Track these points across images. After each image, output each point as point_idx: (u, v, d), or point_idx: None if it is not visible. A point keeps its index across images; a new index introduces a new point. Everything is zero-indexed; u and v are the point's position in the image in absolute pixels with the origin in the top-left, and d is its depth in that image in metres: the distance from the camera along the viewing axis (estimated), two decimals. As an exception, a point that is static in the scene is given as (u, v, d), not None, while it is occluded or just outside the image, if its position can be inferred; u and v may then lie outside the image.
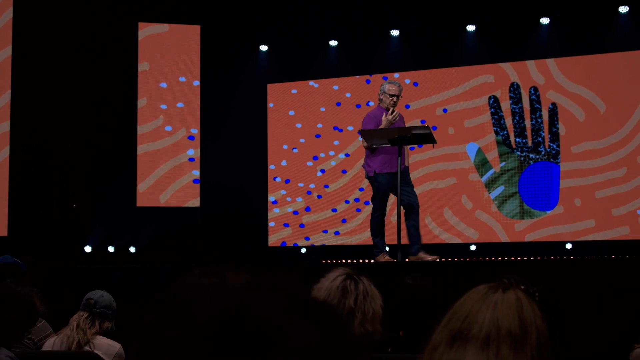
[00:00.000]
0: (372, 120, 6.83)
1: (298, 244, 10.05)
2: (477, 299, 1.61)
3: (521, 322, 1.57)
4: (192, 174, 9.75)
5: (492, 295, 1.61)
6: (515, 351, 1.54)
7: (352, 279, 2.25)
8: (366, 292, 2.21)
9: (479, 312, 1.58)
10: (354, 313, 2.18)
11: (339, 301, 2.19)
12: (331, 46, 10.14)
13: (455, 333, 1.57)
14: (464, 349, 1.55)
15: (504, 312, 1.57)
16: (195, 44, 9.80)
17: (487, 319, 1.56)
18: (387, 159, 6.68)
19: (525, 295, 1.63)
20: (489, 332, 1.55)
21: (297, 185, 10.12)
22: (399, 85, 7.02)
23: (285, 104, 10.26)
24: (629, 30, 9.01)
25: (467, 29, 9.61)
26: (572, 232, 9.07)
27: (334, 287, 2.23)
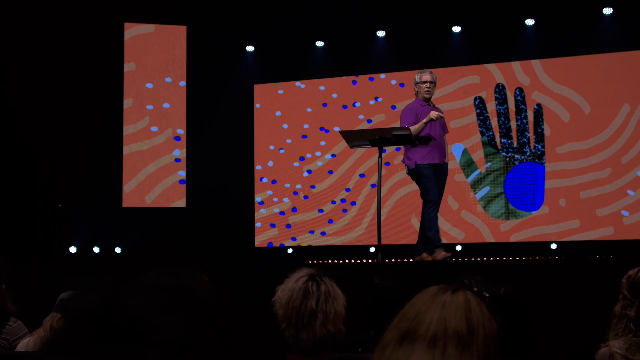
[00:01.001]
0: (411, 112, 6.74)
1: (285, 245, 10.06)
2: (427, 300, 1.63)
3: (468, 322, 1.59)
4: (178, 175, 9.75)
5: (442, 296, 1.63)
6: (462, 351, 1.56)
7: (314, 280, 2.27)
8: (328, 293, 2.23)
9: (428, 312, 1.60)
10: (316, 314, 2.20)
11: (301, 302, 2.22)
12: (317, 47, 10.15)
13: (404, 333, 1.59)
14: (412, 348, 1.57)
15: (451, 312, 1.59)
16: (181, 45, 9.81)
17: (435, 319, 1.59)
18: (429, 151, 6.66)
19: (474, 296, 1.65)
20: (436, 332, 1.57)
21: (284, 185, 10.13)
22: (430, 73, 6.96)
23: (271, 104, 10.27)
24: (613, 31, 9.05)
25: (453, 30, 9.64)
26: (557, 232, 9.11)
27: (296, 289, 2.26)
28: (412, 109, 6.79)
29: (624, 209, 8.87)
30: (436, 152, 6.71)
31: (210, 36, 10.00)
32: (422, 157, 6.66)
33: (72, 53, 9.39)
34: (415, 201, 9.59)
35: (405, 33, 9.72)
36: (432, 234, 6.74)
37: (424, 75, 6.91)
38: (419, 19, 9.60)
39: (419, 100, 6.88)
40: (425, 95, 6.84)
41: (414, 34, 9.67)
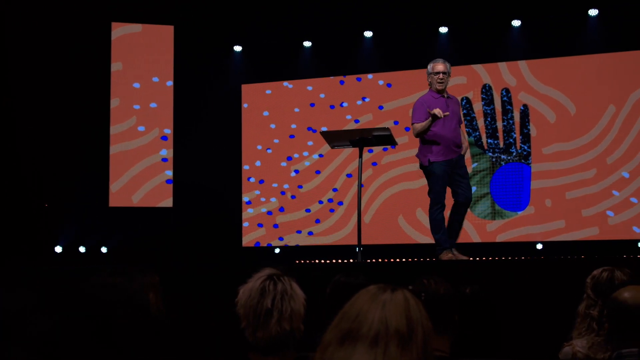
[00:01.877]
0: (422, 107, 6.44)
1: (272, 244, 10.08)
2: (367, 299, 1.65)
3: (408, 321, 1.62)
4: (165, 174, 9.76)
5: (381, 295, 1.66)
6: (403, 349, 1.58)
7: (272, 279, 2.31)
8: (285, 292, 2.27)
9: (369, 311, 1.62)
10: (272, 312, 2.24)
11: (258, 301, 2.26)
12: (305, 47, 10.17)
13: (345, 332, 1.62)
14: (353, 347, 1.59)
15: (392, 311, 1.62)
16: (168, 45, 9.81)
17: (376, 319, 1.61)
18: (443, 147, 6.40)
19: (412, 295, 1.68)
20: (378, 331, 1.59)
21: (271, 185, 10.15)
22: (443, 62, 6.58)
23: (259, 104, 10.28)
24: (599, 33, 9.08)
25: (440, 30, 9.67)
26: (542, 232, 9.14)
27: (254, 288, 2.30)
28: (423, 103, 6.50)
29: (609, 210, 8.91)
30: (450, 147, 6.43)
31: (197, 36, 10.01)
32: (436, 154, 6.43)
33: (59, 52, 9.39)
34: (403, 201, 9.66)
35: (393, 33, 9.75)
36: (438, 237, 6.55)
37: (437, 65, 6.56)
38: (406, 20, 9.62)
39: (432, 92, 6.57)
40: (438, 86, 6.50)
41: (401, 34, 9.70)
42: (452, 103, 6.60)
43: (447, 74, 6.54)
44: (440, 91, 6.53)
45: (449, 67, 6.59)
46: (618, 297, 2.40)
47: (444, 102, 6.51)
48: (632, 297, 2.36)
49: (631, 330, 2.34)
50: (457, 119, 6.59)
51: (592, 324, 3.03)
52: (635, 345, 2.32)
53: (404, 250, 9.34)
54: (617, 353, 2.34)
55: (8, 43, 9.08)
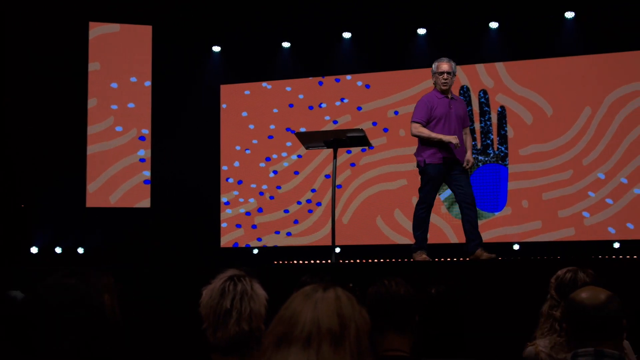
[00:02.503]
0: (425, 106, 6.33)
1: (250, 245, 10.07)
2: (300, 301, 1.65)
3: (340, 318, 1.62)
4: (142, 175, 9.72)
5: (314, 295, 1.66)
6: (336, 347, 1.58)
7: (232, 280, 2.32)
8: (244, 292, 2.28)
9: (301, 312, 1.62)
10: (230, 313, 2.25)
11: (217, 302, 2.27)
12: (284, 48, 10.17)
13: (281, 335, 1.62)
14: (288, 350, 1.59)
15: (323, 310, 1.62)
16: (146, 44, 9.78)
17: (308, 319, 1.61)
18: (440, 149, 6.29)
19: (344, 292, 1.68)
20: (310, 332, 1.59)
21: (250, 186, 10.14)
22: (448, 61, 6.43)
23: (238, 105, 10.27)
24: (575, 35, 9.15)
25: (418, 32, 9.70)
26: (519, 233, 9.19)
27: (215, 289, 2.31)
28: (426, 102, 6.37)
29: (585, 211, 8.98)
30: (448, 149, 6.28)
31: (176, 36, 9.98)
32: (431, 154, 6.34)
33: (36, 52, 9.33)
34: (381, 202, 9.68)
35: (371, 35, 9.77)
36: (418, 235, 6.47)
37: (442, 64, 6.41)
38: (385, 21, 9.65)
39: (436, 92, 6.43)
40: (442, 87, 6.37)
41: (380, 35, 9.73)
42: (455, 104, 6.47)
43: (452, 74, 6.42)
44: (444, 91, 6.40)
45: (455, 67, 6.48)
46: (575, 298, 2.43)
47: (447, 102, 6.40)
48: (588, 298, 2.39)
49: (587, 331, 2.36)
50: (459, 120, 6.44)
51: (555, 324, 3.06)
52: (592, 345, 2.34)
53: (383, 250, 9.37)
54: (574, 353, 2.37)
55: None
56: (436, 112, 6.33)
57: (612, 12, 8.89)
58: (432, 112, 6.31)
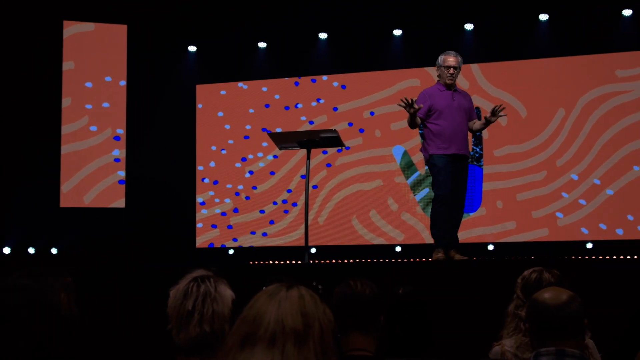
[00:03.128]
0: (423, 98, 6.19)
1: (226, 245, 10.04)
2: (264, 301, 1.66)
3: (304, 317, 1.62)
4: (117, 175, 9.66)
5: (278, 294, 1.66)
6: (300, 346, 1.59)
7: (196, 281, 2.32)
8: (207, 294, 2.28)
9: (265, 312, 1.63)
10: (193, 314, 2.26)
11: (181, 303, 2.28)
12: (260, 48, 10.15)
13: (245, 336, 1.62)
14: (252, 350, 1.59)
15: (287, 309, 1.62)
16: (121, 44, 9.72)
17: (272, 319, 1.61)
18: (445, 141, 6.14)
19: (308, 290, 1.68)
20: (275, 331, 1.60)
21: (225, 186, 10.12)
22: (455, 55, 6.29)
23: (214, 105, 10.24)
24: (549, 37, 9.23)
25: (394, 33, 9.73)
26: (494, 233, 9.25)
27: (179, 290, 2.31)
28: (425, 95, 6.25)
29: (558, 211, 9.05)
30: (454, 142, 6.14)
31: (151, 36, 9.93)
32: (437, 147, 6.16)
33: (9, 50, 9.24)
34: (357, 203, 9.69)
35: (347, 35, 9.79)
36: (435, 232, 6.22)
37: (449, 58, 6.28)
38: (361, 22, 9.66)
39: (439, 85, 6.31)
40: (447, 80, 6.23)
41: (356, 36, 9.75)
42: (460, 97, 6.33)
43: (458, 69, 6.31)
44: (449, 85, 6.28)
45: (461, 62, 6.35)
46: (538, 298, 2.45)
47: (450, 95, 6.27)
48: (550, 298, 2.41)
49: (549, 330, 2.38)
50: (464, 113, 6.27)
51: (520, 324, 3.08)
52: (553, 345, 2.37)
53: (358, 251, 9.39)
54: (536, 352, 2.39)
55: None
56: (437, 105, 6.19)
57: (585, 15, 8.98)
58: (431, 106, 6.18)
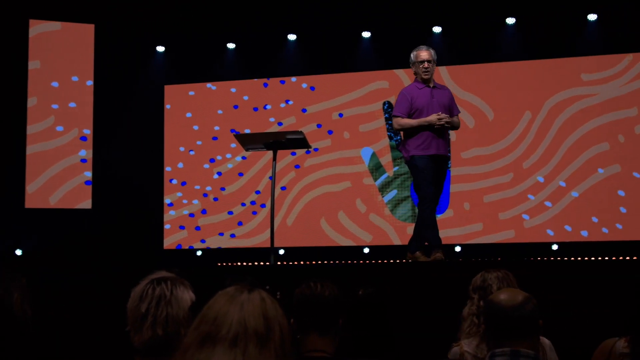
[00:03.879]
0: (404, 99, 6.15)
1: (194, 247, 10.00)
2: (225, 301, 1.68)
3: (266, 320, 1.66)
4: (84, 176, 9.57)
5: (239, 296, 1.69)
6: (261, 348, 1.62)
7: (152, 283, 2.31)
8: (162, 296, 2.27)
9: (227, 313, 1.65)
10: (146, 317, 2.25)
11: (136, 305, 2.27)
12: (229, 49, 10.13)
13: (205, 335, 1.64)
14: (213, 349, 1.62)
15: (249, 312, 1.66)
16: (89, 43, 9.63)
17: (235, 320, 1.65)
18: (425, 141, 6.07)
19: (268, 294, 1.71)
20: (237, 332, 1.63)
21: (194, 187, 10.07)
22: (427, 49, 6.21)
23: (182, 105, 10.19)
24: (516, 40, 9.32)
25: (363, 35, 9.76)
26: (461, 235, 9.31)
27: (136, 292, 2.30)
28: (405, 94, 6.20)
29: (524, 213, 9.14)
30: (434, 142, 6.10)
31: (119, 35, 9.85)
32: (417, 147, 6.11)
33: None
34: (325, 204, 9.70)
35: (316, 37, 9.80)
36: (428, 234, 6.19)
37: (421, 52, 6.20)
38: (330, 24, 9.68)
39: (417, 82, 6.26)
40: (424, 76, 6.18)
41: (325, 38, 9.76)
42: (438, 93, 6.26)
43: (433, 62, 6.21)
44: (425, 81, 6.21)
45: (434, 55, 6.26)
46: (493, 299, 2.48)
47: (429, 92, 6.22)
48: (505, 299, 2.44)
49: (504, 331, 2.41)
50: (443, 109, 6.19)
51: (475, 325, 3.12)
52: (508, 345, 2.39)
53: (326, 252, 9.41)
54: (491, 353, 2.42)
55: None
56: (417, 103, 6.15)
57: (551, 19, 9.09)
58: (411, 104, 6.13)
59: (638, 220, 8.79)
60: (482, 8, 9.26)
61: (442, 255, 6.09)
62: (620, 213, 8.86)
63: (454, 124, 6.34)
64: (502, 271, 3.33)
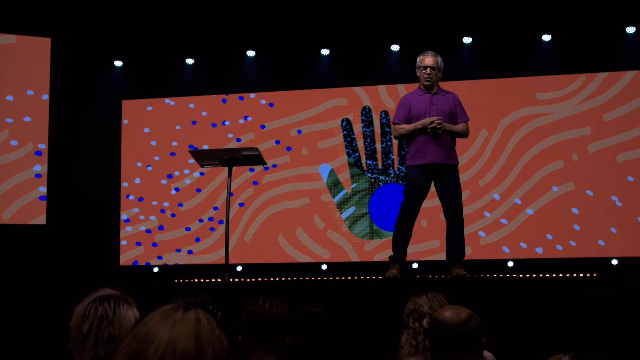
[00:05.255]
0: (403, 105, 5.93)
1: (150, 263, 9.90)
2: (158, 319, 1.64)
3: (197, 341, 1.61)
4: (38, 191, 9.42)
5: (173, 315, 1.65)
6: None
7: (95, 303, 2.27)
8: (104, 317, 2.23)
9: (158, 332, 1.60)
10: (87, 337, 2.20)
11: (79, 325, 2.22)
12: (187, 64, 10.09)
13: (133, 353, 1.59)
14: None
15: (180, 331, 1.61)
16: (45, 57, 9.50)
17: (164, 339, 1.59)
18: (418, 149, 5.84)
19: (205, 314, 1.68)
20: (164, 353, 1.58)
21: (151, 203, 9.98)
22: (434, 55, 5.92)
23: (140, 120, 10.12)
24: (473, 60, 9.45)
25: (322, 52, 9.80)
26: (419, 252, 9.34)
27: (79, 311, 2.26)
28: (404, 101, 5.98)
29: (481, 230, 9.23)
30: (429, 150, 5.82)
31: (76, 49, 9.76)
32: (411, 157, 5.90)
33: None
34: (283, 220, 9.68)
35: (275, 53, 9.82)
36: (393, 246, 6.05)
37: (426, 58, 5.93)
38: (289, 41, 9.71)
39: (419, 89, 6.02)
40: (425, 82, 5.92)
41: (284, 55, 9.79)
42: (439, 99, 6.01)
43: (437, 69, 5.95)
44: (428, 87, 5.98)
45: (441, 62, 6.00)
46: (438, 317, 2.51)
47: (429, 99, 5.98)
48: (450, 317, 2.47)
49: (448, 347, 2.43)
50: (442, 116, 5.92)
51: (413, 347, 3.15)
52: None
53: (284, 269, 9.37)
54: (435, 369, 2.44)
55: None
56: (415, 110, 5.94)
57: (507, 39, 9.23)
58: (410, 111, 5.92)
59: (591, 238, 8.94)
60: (440, 27, 9.37)
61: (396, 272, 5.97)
62: (574, 230, 9.00)
63: (453, 129, 6.01)
64: (431, 293, 3.37)
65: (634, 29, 9.07)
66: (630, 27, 9.07)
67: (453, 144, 6.06)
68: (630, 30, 9.09)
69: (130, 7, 9.68)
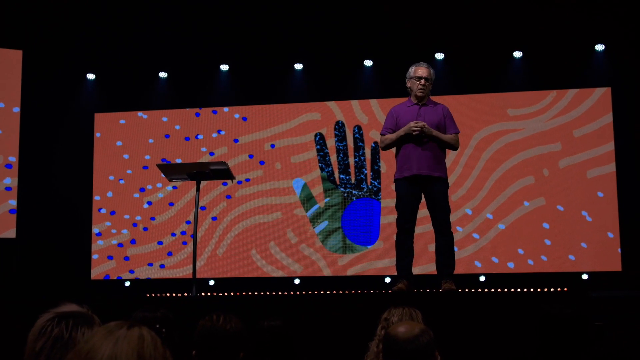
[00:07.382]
0: (391, 115, 5.80)
1: (122, 277, 9.82)
2: (102, 336, 1.62)
3: (140, 358, 1.59)
4: (8, 204, 9.32)
5: (117, 331, 1.63)
6: None
7: (52, 321, 2.12)
8: (59, 338, 2.09)
9: (100, 348, 1.58)
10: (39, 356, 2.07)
11: (33, 343, 2.10)
12: (161, 77, 10.07)
13: None
14: None
15: (123, 348, 1.59)
16: (16, 69, 9.44)
17: (106, 356, 1.57)
18: (404, 161, 5.68)
19: (150, 332, 1.66)
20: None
21: (123, 217, 9.92)
22: (427, 66, 5.82)
23: (112, 134, 10.07)
24: (445, 76, 9.48)
25: (295, 67, 9.82)
26: (391, 266, 9.28)
27: (37, 326, 2.13)
28: (392, 112, 5.86)
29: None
30: (415, 159, 5.65)
31: (48, 62, 9.71)
32: (398, 169, 5.75)
33: None
34: (256, 235, 9.66)
35: (249, 68, 9.83)
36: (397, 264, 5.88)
37: (419, 68, 5.83)
38: (262, 55, 9.73)
39: (409, 100, 5.89)
40: (418, 93, 5.79)
41: (257, 69, 9.80)
42: (427, 111, 5.86)
43: (430, 80, 5.86)
44: (419, 98, 5.85)
45: (433, 74, 5.91)
46: (391, 332, 2.51)
47: (416, 110, 5.84)
48: (402, 332, 2.47)
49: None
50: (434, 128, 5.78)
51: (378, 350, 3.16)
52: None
53: (257, 283, 9.34)
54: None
55: None
56: (402, 121, 5.80)
57: (478, 55, 9.31)
58: (397, 122, 5.80)
59: (562, 252, 9.00)
60: (412, 43, 9.42)
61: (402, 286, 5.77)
62: (545, 245, 9.06)
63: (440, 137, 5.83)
64: (407, 308, 3.37)
65: (603, 47, 9.18)
66: (600, 45, 9.19)
67: (441, 154, 5.90)
68: (600, 48, 9.20)
69: (103, 20, 9.66)
